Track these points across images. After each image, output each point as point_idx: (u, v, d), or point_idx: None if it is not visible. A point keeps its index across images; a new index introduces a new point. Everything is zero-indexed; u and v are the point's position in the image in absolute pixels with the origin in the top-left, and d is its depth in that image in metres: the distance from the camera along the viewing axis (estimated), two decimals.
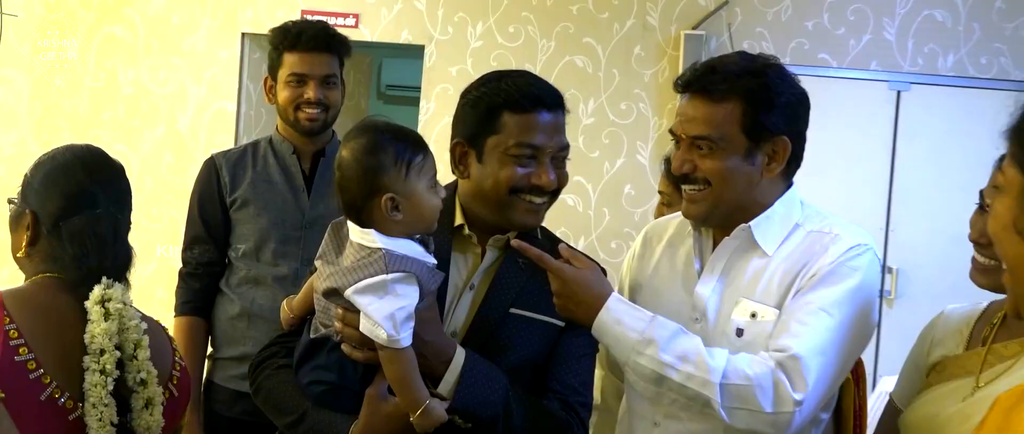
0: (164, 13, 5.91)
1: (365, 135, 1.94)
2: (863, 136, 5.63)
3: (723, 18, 5.71)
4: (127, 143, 5.93)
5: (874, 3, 5.76)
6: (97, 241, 1.96)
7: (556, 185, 2.04)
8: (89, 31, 5.93)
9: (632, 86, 5.77)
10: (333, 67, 3.06)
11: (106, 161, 2.09)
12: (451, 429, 1.89)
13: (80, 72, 5.94)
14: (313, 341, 1.97)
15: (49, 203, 1.98)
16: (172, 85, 5.93)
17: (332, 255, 1.91)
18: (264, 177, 3.05)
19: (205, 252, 3.08)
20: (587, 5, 5.81)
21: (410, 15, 5.82)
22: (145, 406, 1.92)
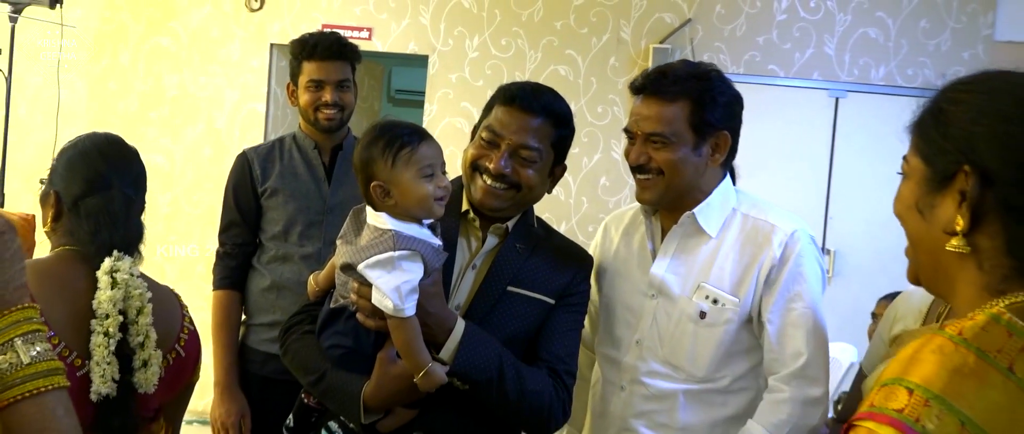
0: (204, 27, 5.89)
1: (367, 133, 1.95)
2: (806, 136, 5.65)
3: (686, 34, 5.72)
4: (171, 139, 5.93)
5: (816, 22, 5.77)
6: (110, 219, 1.96)
7: (505, 172, 1.98)
8: (138, 42, 5.91)
9: (607, 92, 5.78)
10: (346, 72, 3.06)
11: (122, 148, 2.08)
12: (451, 391, 1.89)
13: (131, 77, 5.93)
14: (332, 310, 1.97)
15: (70, 185, 1.98)
16: (210, 89, 5.92)
17: (351, 236, 1.91)
18: (290, 170, 3.05)
19: (239, 234, 3.08)
20: (569, 22, 5.81)
21: (416, 29, 5.81)
22: (144, 365, 1.92)
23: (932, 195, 1.19)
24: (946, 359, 1.05)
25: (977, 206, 1.14)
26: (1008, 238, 1.13)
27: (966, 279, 1.18)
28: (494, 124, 2.00)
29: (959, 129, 1.16)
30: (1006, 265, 1.14)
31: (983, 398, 1.02)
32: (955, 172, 1.16)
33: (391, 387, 1.88)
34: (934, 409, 1.01)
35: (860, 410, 1.07)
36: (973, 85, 1.20)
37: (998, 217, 1.13)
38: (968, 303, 1.17)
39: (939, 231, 1.18)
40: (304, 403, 2.01)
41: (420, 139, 1.90)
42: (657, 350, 2.06)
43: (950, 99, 1.20)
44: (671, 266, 2.07)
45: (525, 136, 1.98)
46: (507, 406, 1.91)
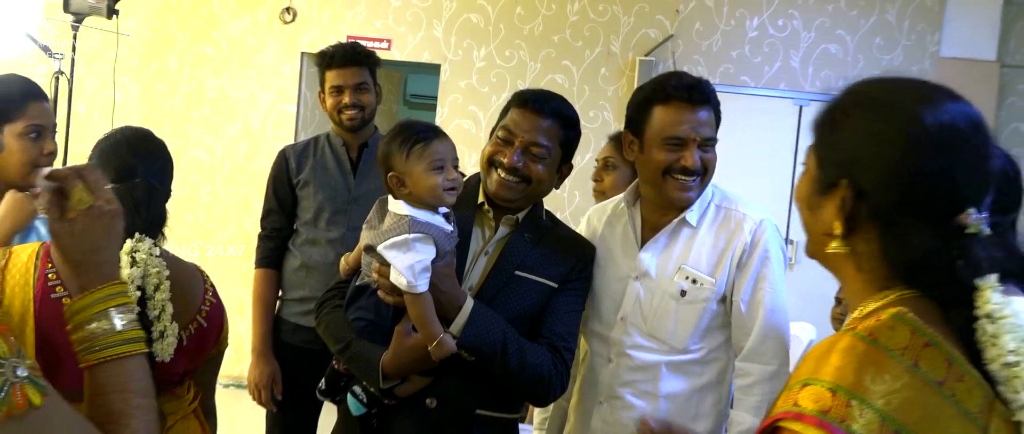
0: (241, 36, 5.89)
1: (390, 130, 1.95)
2: (773, 139, 5.65)
3: (669, 48, 5.72)
4: (212, 136, 5.93)
5: (783, 39, 5.77)
6: (133, 205, 1.92)
7: (518, 167, 1.98)
8: (183, 49, 5.91)
9: (598, 99, 5.78)
10: (363, 76, 3.06)
11: (149, 141, 2.05)
12: (460, 361, 1.89)
13: (176, 80, 5.92)
14: (357, 287, 1.98)
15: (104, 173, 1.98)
16: (246, 92, 5.92)
17: (376, 222, 1.91)
18: (321, 164, 3.07)
19: (276, 220, 3.11)
20: (565, 36, 5.81)
21: (430, 41, 5.81)
22: (161, 336, 1.90)
23: (818, 196, 1.18)
24: (856, 358, 1.02)
25: (852, 215, 1.12)
26: (882, 243, 1.11)
27: (850, 276, 1.17)
28: (509, 124, 2.00)
29: (845, 144, 1.15)
30: (884, 267, 1.12)
31: (894, 393, 0.99)
32: (834, 183, 1.14)
33: (406, 357, 1.88)
34: (856, 409, 0.98)
35: (783, 408, 1.03)
36: (867, 100, 1.17)
37: (873, 225, 1.11)
38: (856, 296, 1.16)
39: (823, 233, 1.17)
40: (334, 369, 2.02)
41: (434, 136, 1.91)
42: (641, 325, 2.06)
43: (844, 111, 1.17)
44: (655, 251, 2.07)
45: (536, 135, 1.97)
46: (510, 376, 1.91)
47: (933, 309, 1.09)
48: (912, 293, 1.10)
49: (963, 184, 1.08)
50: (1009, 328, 1.06)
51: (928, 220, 1.07)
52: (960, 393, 1.03)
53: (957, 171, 1.07)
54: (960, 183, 1.07)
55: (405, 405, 1.93)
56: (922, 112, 1.10)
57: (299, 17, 5.85)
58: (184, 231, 5.86)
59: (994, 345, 1.06)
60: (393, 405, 1.92)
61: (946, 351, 1.05)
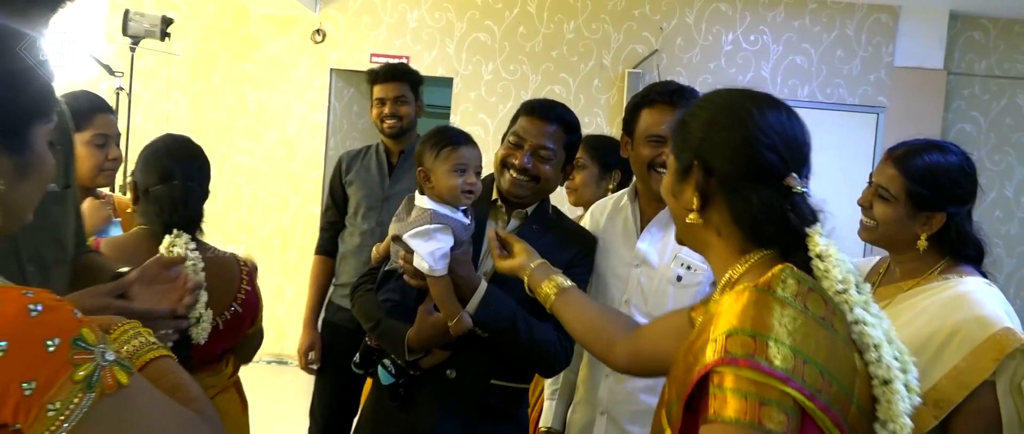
0: (278, 55, 5.90)
1: (428, 132, 1.97)
2: None
3: (654, 61, 5.73)
4: (253, 142, 5.94)
5: (755, 52, 5.78)
6: (171, 204, 1.93)
7: (527, 167, 1.96)
8: (227, 66, 5.92)
9: (592, 106, 5.79)
10: (402, 90, 3.10)
11: (188, 147, 2.05)
12: (475, 338, 1.89)
13: (221, 94, 5.94)
14: (386, 272, 1.98)
15: (145, 176, 1.98)
16: (283, 104, 5.93)
17: (404, 215, 1.91)
18: (364, 166, 3.15)
19: (331, 215, 3.21)
20: (562, 52, 5.82)
21: (444, 57, 5.82)
22: (197, 321, 1.90)
23: (679, 184, 1.28)
24: (765, 307, 1.10)
25: (705, 190, 1.23)
26: (731, 211, 1.22)
27: (714, 244, 1.27)
28: (519, 130, 1.99)
29: (693, 136, 1.26)
30: (738, 232, 1.23)
31: (796, 331, 1.08)
32: (690, 166, 1.25)
33: (428, 333, 1.89)
34: (773, 348, 1.06)
35: (715, 357, 1.07)
36: (706, 102, 1.29)
37: (722, 196, 1.22)
38: (721, 262, 1.26)
39: (685, 209, 1.27)
40: (367, 344, 2.03)
41: (462, 143, 1.91)
42: (642, 308, 2.03)
43: (692, 113, 1.29)
44: (653, 241, 2.05)
45: (543, 139, 1.97)
46: (520, 350, 1.91)
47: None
48: (769, 253, 1.21)
49: (787, 156, 1.21)
50: (836, 262, 1.18)
51: (763, 183, 1.20)
52: (837, 324, 1.14)
53: (781, 145, 1.21)
54: (784, 155, 1.21)
55: (428, 375, 1.94)
56: (750, 106, 1.23)
57: (328, 37, 5.86)
58: (229, 227, 5.89)
59: (826, 278, 1.17)
60: (418, 375, 1.94)
61: (822, 292, 1.16)
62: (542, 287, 1.66)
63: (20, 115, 0.95)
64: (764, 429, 1.03)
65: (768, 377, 1.04)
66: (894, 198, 1.70)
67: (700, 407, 1.10)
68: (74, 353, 0.85)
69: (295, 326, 5.97)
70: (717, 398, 1.06)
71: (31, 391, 0.83)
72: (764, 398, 1.03)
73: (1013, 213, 5.87)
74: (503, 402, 1.97)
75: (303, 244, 5.96)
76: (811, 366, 1.06)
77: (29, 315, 0.84)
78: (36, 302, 0.86)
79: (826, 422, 1.06)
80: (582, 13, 5.81)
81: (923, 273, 1.71)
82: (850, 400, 1.10)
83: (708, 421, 1.07)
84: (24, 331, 0.84)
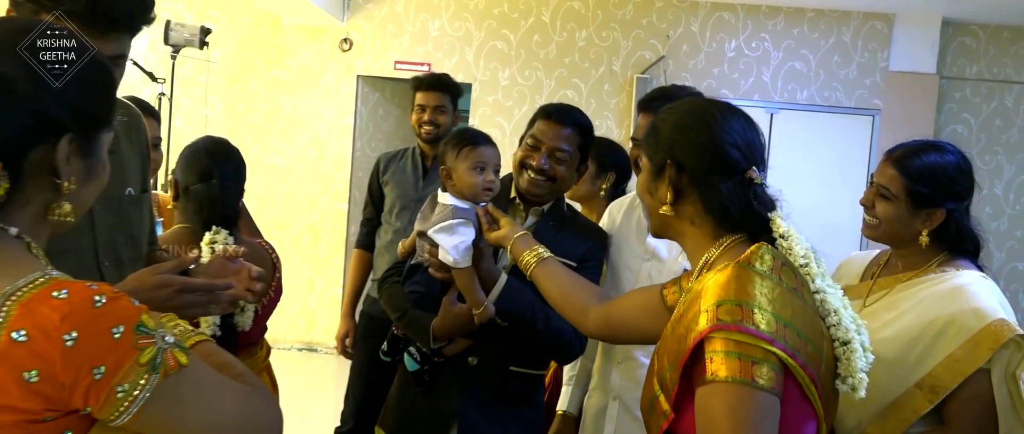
0: (308, 62, 5.92)
1: (452, 133, 1.97)
2: None
3: (661, 67, 5.70)
4: (286, 144, 5.96)
5: (756, 58, 5.74)
6: (210, 202, 1.93)
7: (544, 168, 1.94)
8: (261, 73, 5.95)
9: (603, 110, 5.78)
10: (442, 100, 3.12)
11: (224, 148, 2.05)
12: (496, 327, 1.89)
13: (256, 99, 5.97)
14: (412, 266, 1.99)
15: (185, 175, 1.98)
16: (313, 108, 5.95)
17: (428, 213, 1.91)
18: (401, 168, 3.16)
19: (369, 212, 3.23)
20: (575, 58, 5.81)
21: (463, 64, 5.82)
22: (241, 310, 1.92)
23: (654, 182, 1.34)
24: (747, 280, 1.17)
25: (677, 185, 1.30)
26: (702, 201, 1.29)
27: (688, 233, 1.33)
28: (536, 133, 1.98)
29: (664, 137, 1.33)
30: (710, 220, 1.29)
31: (774, 299, 1.16)
32: (663, 165, 1.31)
33: (452, 322, 1.89)
34: (757, 314, 1.13)
35: (707, 325, 1.14)
36: (675, 108, 1.37)
37: (693, 190, 1.29)
38: (696, 248, 1.32)
39: (659, 203, 1.33)
40: (394, 334, 2.03)
41: (482, 143, 1.91)
42: None
43: (661, 118, 1.36)
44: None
45: (559, 141, 1.96)
46: (537, 339, 1.91)
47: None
48: (739, 237, 1.28)
49: (747, 153, 1.29)
50: (797, 241, 1.27)
51: (729, 176, 1.27)
52: (805, 294, 1.24)
53: (742, 144, 1.28)
54: (744, 152, 1.28)
55: (451, 362, 1.94)
56: (714, 111, 1.32)
57: (355, 46, 5.87)
58: (263, 224, 5.89)
59: (790, 254, 1.26)
60: (441, 362, 1.94)
61: (793, 267, 1.25)
62: (524, 256, 1.69)
63: (95, 121, 0.97)
64: (757, 385, 1.10)
65: (756, 339, 1.12)
66: (895, 197, 1.68)
67: (694, 373, 1.17)
68: (138, 338, 0.86)
69: (324, 316, 6.00)
70: (713, 361, 1.13)
71: (100, 375, 0.84)
72: (754, 358, 1.11)
73: (1002, 209, 5.81)
74: (521, 387, 1.97)
75: (331, 240, 5.99)
76: (790, 329, 1.15)
77: (94, 306, 0.85)
78: (100, 294, 0.86)
79: (805, 378, 1.15)
80: (593, 22, 5.79)
81: (922, 266, 1.70)
82: (820, 359, 1.20)
83: (705, 382, 1.14)
84: (91, 321, 0.84)
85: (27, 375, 0.82)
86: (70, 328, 0.83)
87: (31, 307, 0.83)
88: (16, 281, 0.86)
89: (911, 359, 1.60)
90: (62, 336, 0.82)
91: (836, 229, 5.48)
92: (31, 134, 0.90)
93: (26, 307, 0.83)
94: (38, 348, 0.82)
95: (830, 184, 5.59)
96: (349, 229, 5.95)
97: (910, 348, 1.61)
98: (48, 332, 0.82)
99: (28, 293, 0.84)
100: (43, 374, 0.82)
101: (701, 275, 1.27)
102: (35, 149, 0.91)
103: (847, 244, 5.50)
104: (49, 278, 0.87)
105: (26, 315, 0.83)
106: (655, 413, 1.24)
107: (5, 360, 0.82)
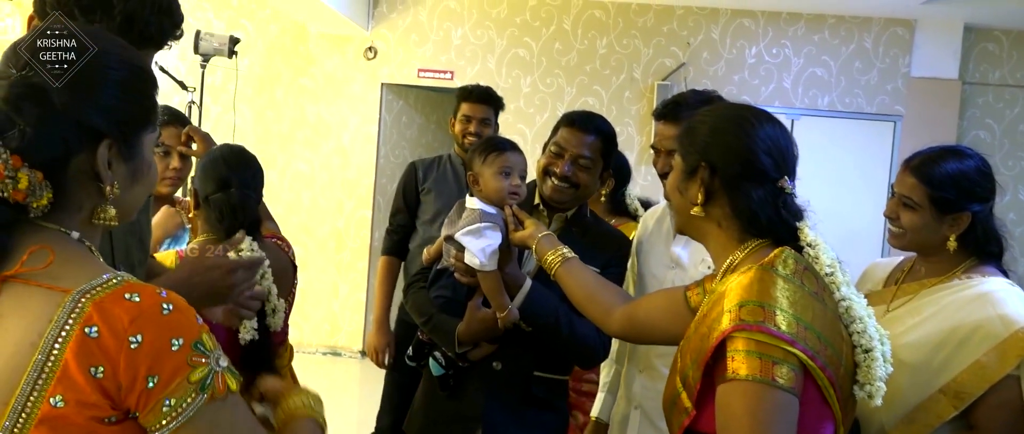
0: (334, 71, 5.97)
1: (479, 140, 1.97)
2: None
3: (681, 74, 5.69)
4: (311, 151, 6.01)
5: (777, 64, 5.71)
6: (230, 210, 1.92)
7: (568, 175, 1.94)
8: (288, 81, 6.00)
9: (624, 117, 5.77)
10: (487, 113, 3.11)
11: (242, 156, 2.04)
12: (520, 332, 1.88)
13: (283, 107, 6.02)
14: (438, 271, 1.99)
15: (204, 184, 1.97)
16: (338, 116, 5.99)
17: (455, 218, 1.92)
18: (443, 177, 3.10)
19: (402, 219, 3.11)
20: (596, 66, 5.81)
21: (485, 72, 5.83)
22: (272, 312, 1.92)
23: (685, 182, 1.36)
24: (769, 282, 1.19)
25: (709, 187, 1.32)
26: (731, 205, 1.30)
27: (714, 234, 1.35)
28: (560, 140, 1.98)
29: (698, 139, 1.34)
30: (737, 224, 1.31)
31: (796, 302, 1.18)
32: (697, 166, 1.33)
33: (477, 327, 1.89)
34: (779, 315, 1.16)
35: (730, 324, 1.16)
36: (709, 113, 1.40)
37: (724, 193, 1.31)
38: (721, 250, 1.34)
39: (689, 203, 1.35)
40: (420, 338, 2.04)
41: (508, 149, 1.92)
42: None
43: (699, 120, 1.38)
44: (685, 245, 2.00)
45: (582, 149, 1.95)
46: (561, 344, 1.91)
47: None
48: (764, 241, 1.29)
49: (780, 161, 1.30)
50: (822, 250, 1.29)
51: (760, 183, 1.29)
52: (827, 299, 1.25)
53: (775, 152, 1.30)
54: (777, 160, 1.30)
55: (476, 367, 1.94)
56: (751, 118, 1.33)
57: (379, 55, 5.92)
58: (288, 230, 5.93)
59: (817, 262, 1.28)
60: (466, 367, 1.94)
61: (815, 272, 1.26)
62: (548, 255, 1.70)
63: (134, 124, 0.97)
64: (776, 384, 1.12)
65: (777, 340, 1.14)
66: (919, 205, 1.67)
67: (716, 372, 1.19)
68: (193, 355, 0.88)
69: (348, 321, 6.04)
70: (734, 360, 1.15)
71: (153, 384, 0.86)
72: (775, 358, 1.13)
73: None
74: (546, 392, 1.97)
75: (355, 246, 6.02)
76: (810, 332, 1.17)
77: (162, 313, 0.87)
78: (168, 301, 0.88)
79: (824, 380, 1.17)
80: (614, 30, 5.79)
81: (947, 272, 1.69)
82: (840, 362, 1.21)
83: (726, 380, 1.16)
84: (156, 327, 0.86)
85: (93, 370, 0.85)
86: (137, 330, 0.85)
87: (104, 306, 0.86)
88: (91, 280, 0.88)
89: (934, 364, 1.59)
90: (128, 337, 0.85)
91: (857, 235, 5.43)
92: (71, 143, 0.91)
93: (99, 306, 0.86)
94: (106, 345, 0.85)
95: (852, 190, 5.54)
96: (373, 235, 5.98)
97: (934, 353, 1.59)
98: (117, 332, 0.85)
99: (102, 292, 0.87)
100: (107, 372, 0.85)
101: (725, 277, 1.29)
102: (76, 156, 0.92)
103: (868, 250, 5.45)
104: (122, 280, 0.89)
105: (99, 313, 0.85)
106: (676, 410, 1.26)
107: (78, 353, 0.84)
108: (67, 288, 0.87)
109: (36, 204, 0.90)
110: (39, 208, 0.90)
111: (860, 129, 5.68)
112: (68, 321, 0.85)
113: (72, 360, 0.84)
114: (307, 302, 5.75)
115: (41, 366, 0.84)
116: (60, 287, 0.87)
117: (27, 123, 0.89)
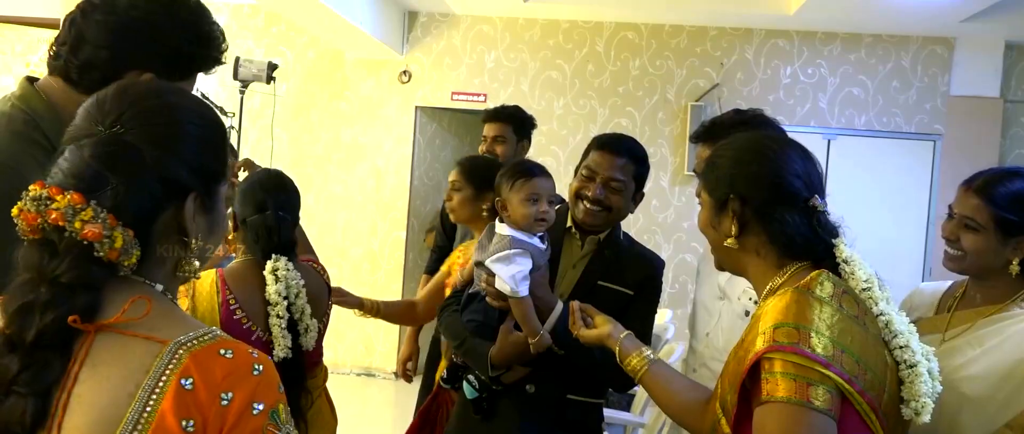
0: (369, 95, 6.03)
1: (505, 165, 1.96)
2: None
3: (715, 94, 5.64)
4: (346, 173, 6.06)
5: (813, 84, 5.64)
6: (267, 232, 1.95)
7: (600, 198, 1.92)
8: (324, 105, 6.08)
9: (657, 137, 5.73)
10: (501, 131, 3.20)
11: (279, 181, 2.07)
12: (553, 355, 1.86)
13: (318, 130, 6.09)
14: (470, 295, 1.99)
15: (242, 207, 2.01)
16: (373, 138, 6.04)
17: (486, 242, 1.92)
18: None
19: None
20: (628, 87, 5.79)
21: (517, 94, 5.85)
22: (305, 331, 1.94)
23: (717, 216, 1.36)
24: (806, 305, 1.19)
25: (742, 218, 1.32)
26: (767, 232, 1.31)
27: (752, 263, 1.34)
28: (591, 163, 1.97)
29: (724, 172, 1.35)
30: (774, 251, 1.31)
31: (834, 325, 1.18)
32: (726, 199, 1.33)
33: (509, 350, 1.88)
34: (814, 338, 1.15)
35: (764, 346, 1.17)
36: (729, 144, 1.41)
37: (757, 222, 1.31)
38: (761, 277, 1.33)
39: (723, 237, 1.35)
40: (453, 361, 2.03)
41: (536, 174, 1.90)
42: (719, 341, 1.95)
43: (718, 154, 1.40)
44: (728, 276, 1.94)
45: (614, 171, 1.94)
46: (594, 367, 1.88)
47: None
48: (803, 264, 1.29)
49: (808, 182, 1.32)
50: (858, 265, 1.29)
51: (792, 206, 1.30)
52: (869, 322, 1.24)
53: (802, 173, 1.32)
54: (806, 181, 1.31)
55: (509, 390, 1.93)
56: (771, 144, 1.36)
57: (414, 78, 5.97)
58: (323, 251, 5.99)
59: (852, 278, 1.28)
60: (500, 390, 1.93)
61: (855, 295, 1.26)
62: (631, 359, 1.57)
63: (214, 177, 0.98)
64: (812, 406, 1.12)
65: (812, 362, 1.13)
66: (982, 227, 1.59)
67: (752, 394, 1.18)
68: (268, 424, 0.87)
69: (382, 342, 6.05)
70: (769, 382, 1.15)
71: None
72: (810, 380, 1.13)
73: None
74: (580, 416, 1.94)
75: (390, 267, 6.04)
76: (848, 355, 1.16)
77: (253, 373, 0.87)
78: (259, 363, 0.88)
79: (863, 405, 1.15)
80: (647, 51, 5.77)
81: (1005, 299, 1.61)
82: (883, 387, 1.20)
83: (762, 402, 1.15)
84: (247, 388, 0.86)
85: (185, 422, 0.84)
86: (229, 388, 0.85)
87: (200, 359, 0.86)
88: (187, 332, 0.88)
89: (1000, 398, 1.50)
90: (220, 393, 0.85)
91: (898, 256, 5.31)
92: (160, 199, 0.91)
93: (196, 358, 0.86)
94: (200, 399, 0.84)
95: (892, 210, 5.42)
96: (407, 256, 6.00)
97: (999, 387, 1.50)
98: (211, 386, 0.85)
99: (198, 346, 0.87)
100: (197, 425, 0.84)
101: (764, 300, 1.29)
102: (164, 212, 0.92)
103: (909, 272, 5.32)
104: (216, 335, 0.89)
105: (196, 366, 0.85)
106: None
107: (174, 405, 0.84)
108: (165, 339, 0.87)
109: (127, 262, 0.89)
110: (129, 266, 0.90)
111: (899, 149, 5.57)
112: (165, 371, 0.85)
113: (169, 412, 0.83)
114: (342, 323, 5.76)
115: (137, 417, 0.83)
116: (158, 337, 0.87)
117: (120, 181, 0.88)
